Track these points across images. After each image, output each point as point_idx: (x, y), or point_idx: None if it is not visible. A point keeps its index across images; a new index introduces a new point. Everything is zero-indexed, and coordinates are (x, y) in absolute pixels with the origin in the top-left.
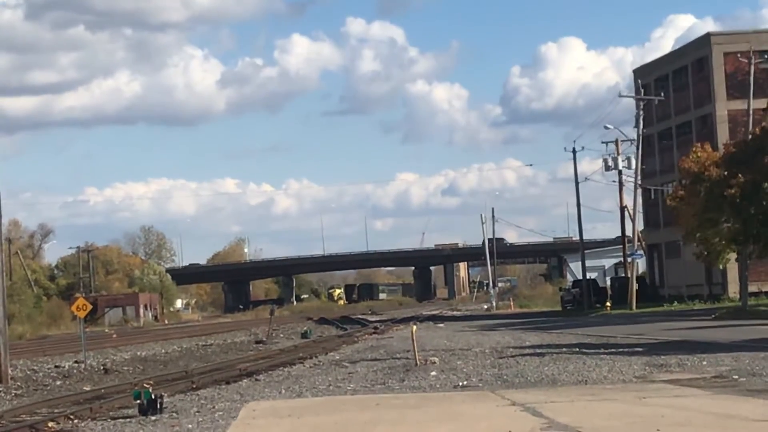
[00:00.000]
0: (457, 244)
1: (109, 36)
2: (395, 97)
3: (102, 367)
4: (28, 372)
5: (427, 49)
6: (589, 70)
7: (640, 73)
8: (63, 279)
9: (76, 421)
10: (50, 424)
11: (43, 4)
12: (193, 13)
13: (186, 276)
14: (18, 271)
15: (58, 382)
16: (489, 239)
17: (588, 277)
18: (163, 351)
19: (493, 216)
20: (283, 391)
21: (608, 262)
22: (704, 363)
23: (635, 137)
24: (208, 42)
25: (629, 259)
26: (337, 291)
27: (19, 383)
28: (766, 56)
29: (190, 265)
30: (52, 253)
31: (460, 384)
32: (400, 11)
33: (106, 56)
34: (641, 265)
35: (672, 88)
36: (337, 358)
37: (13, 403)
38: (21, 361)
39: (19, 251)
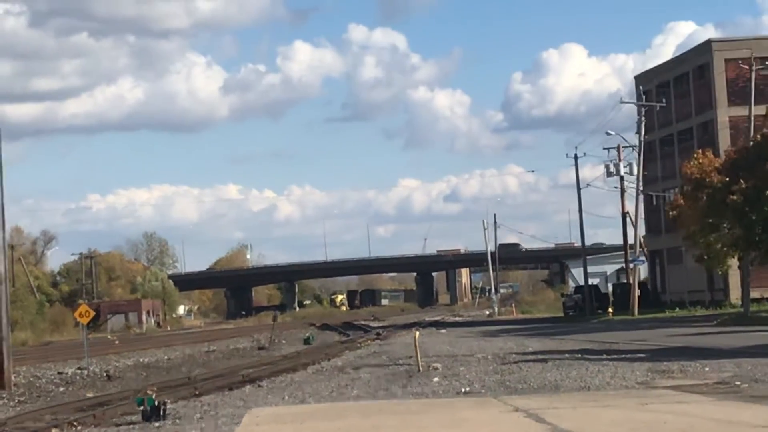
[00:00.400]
0: (459, 250)
1: (112, 43)
2: (397, 103)
3: (105, 374)
4: (31, 378)
5: (429, 56)
6: (590, 76)
7: (641, 79)
8: (66, 285)
9: (79, 427)
10: (53, 430)
11: (47, 11)
12: (195, 20)
13: (188, 282)
14: (21, 278)
15: (61, 389)
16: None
17: (590, 283)
18: (166, 357)
19: (495, 222)
20: (286, 398)
21: (610, 268)
22: (706, 369)
23: (637, 143)
24: (210, 49)
25: (631, 265)
26: (340, 297)
27: (22, 390)
28: (766, 63)
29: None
30: (55, 260)
31: (463, 390)
32: (402, 18)
33: (109, 63)
34: (643, 271)
35: (673, 94)
36: (340, 364)
37: (16, 410)
38: (24, 368)
39: (21, 258)
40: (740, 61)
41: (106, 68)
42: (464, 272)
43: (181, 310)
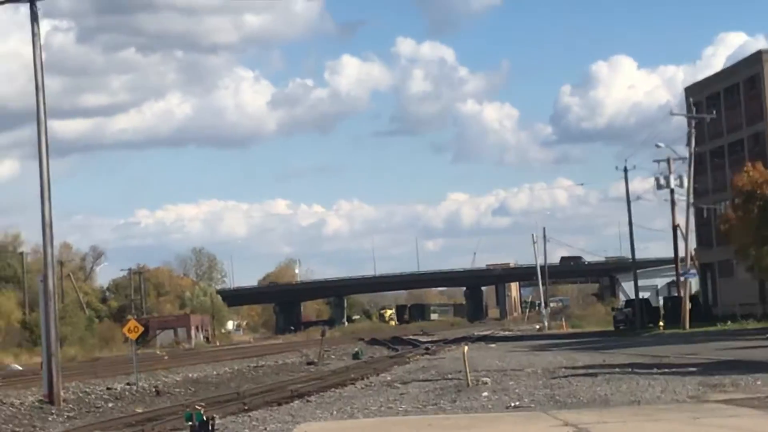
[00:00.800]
0: (508, 263)
1: (160, 58)
2: (445, 116)
3: (154, 389)
4: (81, 394)
5: (477, 69)
6: (640, 88)
7: (691, 91)
8: (115, 301)
9: None
10: None
11: (95, 27)
12: (244, 35)
13: (237, 297)
14: (70, 294)
15: (110, 404)
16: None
17: (640, 297)
18: (215, 372)
19: (544, 236)
20: (335, 413)
21: (661, 282)
22: (758, 383)
23: (687, 156)
24: (258, 63)
25: (682, 279)
26: (389, 312)
27: (71, 405)
28: None
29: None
30: (104, 276)
31: (512, 404)
32: (450, 31)
33: (157, 78)
34: (694, 284)
35: (724, 106)
36: (389, 378)
37: (65, 425)
38: (73, 384)
39: (71, 274)
40: None
41: (155, 84)
42: (514, 286)
43: (230, 325)
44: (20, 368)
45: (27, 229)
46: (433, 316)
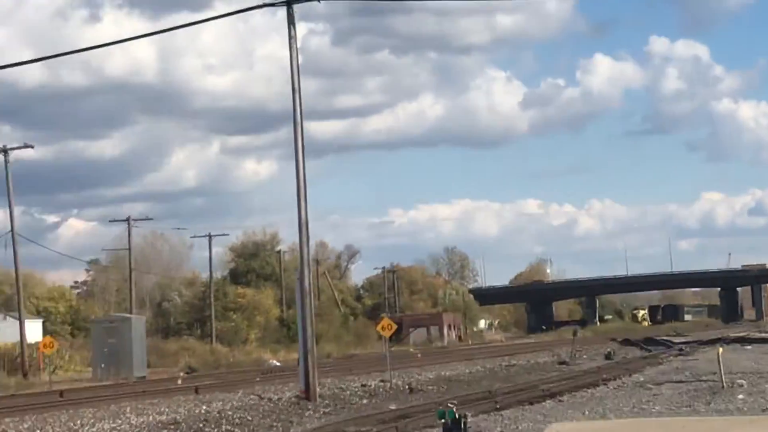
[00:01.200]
0: (765, 264)
1: (413, 59)
2: (699, 115)
3: (407, 387)
4: (336, 390)
5: (733, 67)
6: None
7: None
8: (369, 299)
9: None
10: None
11: (350, 29)
12: (496, 36)
13: (488, 296)
14: (326, 292)
15: (365, 401)
16: None
17: None
18: (467, 371)
19: None
20: (587, 413)
21: None
22: None
23: None
24: (510, 64)
25: None
26: (641, 312)
27: (327, 401)
28: None
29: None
30: (358, 274)
31: None
32: (705, 29)
33: (410, 80)
34: None
35: None
36: (641, 379)
37: (321, 421)
38: (329, 380)
39: (326, 272)
40: None
41: (408, 84)
42: None
43: (482, 323)
44: (278, 364)
45: (285, 227)
46: (687, 317)
